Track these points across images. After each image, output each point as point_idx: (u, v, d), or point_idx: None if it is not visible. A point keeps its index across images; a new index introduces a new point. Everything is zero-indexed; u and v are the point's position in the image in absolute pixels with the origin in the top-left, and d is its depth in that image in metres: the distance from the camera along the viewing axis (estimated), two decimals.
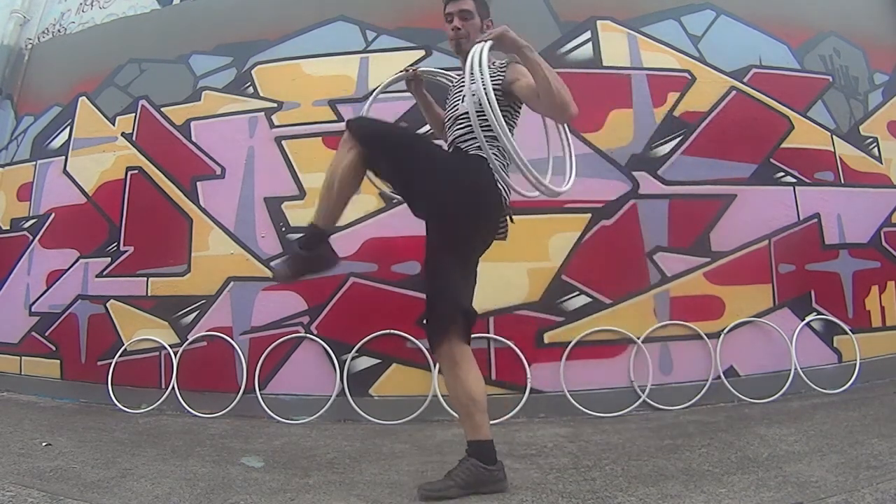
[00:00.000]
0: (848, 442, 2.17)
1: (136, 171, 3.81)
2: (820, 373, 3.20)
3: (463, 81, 1.93)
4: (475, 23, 2.11)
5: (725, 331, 3.20)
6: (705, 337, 3.17)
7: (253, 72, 3.71)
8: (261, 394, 3.24)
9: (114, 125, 3.97)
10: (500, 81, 1.95)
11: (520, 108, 2.04)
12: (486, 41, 1.82)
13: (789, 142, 3.54)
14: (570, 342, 3.13)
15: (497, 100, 1.78)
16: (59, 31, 4.64)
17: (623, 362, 3.15)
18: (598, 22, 3.55)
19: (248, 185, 3.54)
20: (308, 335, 3.29)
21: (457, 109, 2.05)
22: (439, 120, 2.27)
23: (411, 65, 3.48)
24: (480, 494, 1.78)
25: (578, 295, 3.22)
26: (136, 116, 3.91)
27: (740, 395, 3.09)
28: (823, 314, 3.34)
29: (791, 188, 3.45)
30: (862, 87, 3.82)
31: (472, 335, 2.09)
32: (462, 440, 1.84)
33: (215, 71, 3.80)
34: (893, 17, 4.08)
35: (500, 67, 2.03)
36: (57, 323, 3.81)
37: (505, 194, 1.94)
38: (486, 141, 1.79)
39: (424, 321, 1.94)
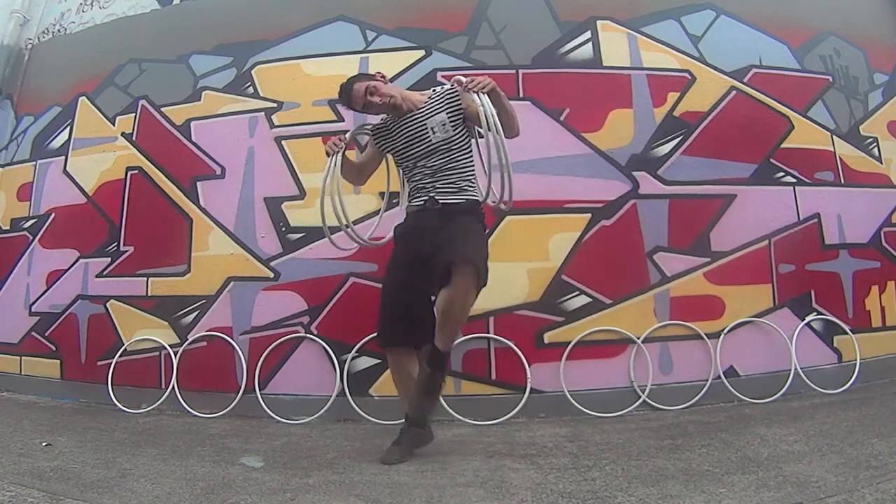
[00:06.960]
0: (848, 442, 2.17)
1: (136, 171, 3.81)
2: (820, 373, 3.20)
3: (415, 114, 2.38)
4: (379, 85, 2.39)
5: (725, 331, 3.20)
6: (705, 337, 3.17)
7: (253, 72, 3.70)
8: (261, 394, 3.24)
9: (114, 125, 3.97)
10: (460, 108, 2.35)
11: None
12: (482, 92, 2.16)
13: (789, 142, 3.54)
14: (570, 342, 3.13)
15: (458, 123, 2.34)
16: (59, 31, 4.63)
17: (623, 362, 3.15)
18: (598, 22, 3.55)
19: (248, 185, 3.54)
20: (308, 335, 3.29)
21: (428, 143, 2.35)
22: (365, 168, 2.64)
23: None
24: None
25: (578, 295, 3.21)
26: (136, 116, 3.90)
27: (740, 395, 3.09)
28: (823, 314, 3.34)
29: (791, 188, 3.45)
30: (862, 87, 3.81)
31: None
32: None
33: (215, 71, 3.79)
34: (893, 17, 4.07)
35: (449, 95, 2.38)
36: (57, 323, 3.81)
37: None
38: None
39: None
